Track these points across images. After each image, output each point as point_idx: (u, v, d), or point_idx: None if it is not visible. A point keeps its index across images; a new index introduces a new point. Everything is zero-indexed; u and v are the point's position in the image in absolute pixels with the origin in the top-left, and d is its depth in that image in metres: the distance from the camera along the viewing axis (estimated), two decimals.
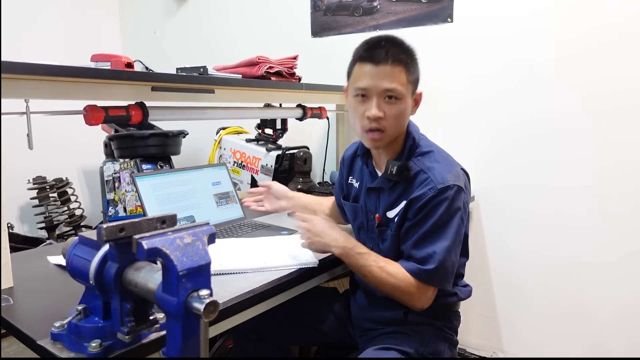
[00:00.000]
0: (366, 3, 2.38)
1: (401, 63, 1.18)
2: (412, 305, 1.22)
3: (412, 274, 1.18)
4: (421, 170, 1.22)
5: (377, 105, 1.18)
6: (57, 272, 1.26)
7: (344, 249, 1.23)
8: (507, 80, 2.06)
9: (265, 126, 2.51)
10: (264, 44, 2.78)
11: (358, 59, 1.22)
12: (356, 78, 1.22)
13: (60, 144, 3.09)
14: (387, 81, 1.17)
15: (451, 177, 1.19)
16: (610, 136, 1.86)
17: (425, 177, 1.20)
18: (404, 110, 1.21)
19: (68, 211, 2.97)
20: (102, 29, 3.47)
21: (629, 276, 1.88)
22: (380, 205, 1.31)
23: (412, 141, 1.27)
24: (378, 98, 1.18)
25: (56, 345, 0.84)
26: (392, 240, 1.27)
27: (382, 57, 1.17)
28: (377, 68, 1.17)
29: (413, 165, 1.23)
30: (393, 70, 1.17)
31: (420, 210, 1.19)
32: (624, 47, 1.80)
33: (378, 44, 1.19)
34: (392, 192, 1.27)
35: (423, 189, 1.19)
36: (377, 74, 1.17)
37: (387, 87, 1.17)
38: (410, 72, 1.20)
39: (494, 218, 2.18)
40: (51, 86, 1.22)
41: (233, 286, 1.13)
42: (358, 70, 1.22)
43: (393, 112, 1.19)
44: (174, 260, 0.66)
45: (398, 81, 1.17)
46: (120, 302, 0.77)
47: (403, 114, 1.21)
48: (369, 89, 1.19)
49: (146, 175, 1.57)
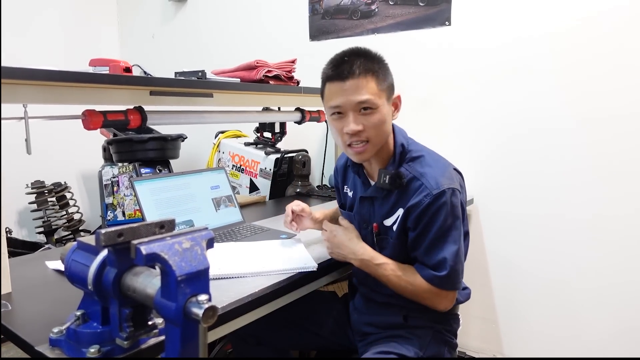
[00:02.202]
0: (364, 6, 2.38)
1: (368, 72, 1.18)
2: (435, 308, 1.25)
3: (428, 280, 1.20)
4: (414, 177, 1.22)
5: (354, 120, 1.18)
6: (56, 277, 1.25)
7: (362, 262, 1.27)
8: (505, 82, 2.06)
9: (264, 130, 2.51)
10: (262, 48, 2.79)
11: (326, 79, 1.23)
12: (328, 97, 1.23)
13: (59, 148, 3.09)
14: (358, 94, 1.17)
15: (445, 180, 1.20)
16: (609, 138, 1.86)
17: (419, 183, 1.21)
18: (382, 118, 1.20)
19: (67, 215, 2.96)
20: (101, 33, 3.47)
21: (628, 277, 1.88)
22: (375, 214, 1.31)
23: (401, 147, 1.27)
24: (353, 112, 1.19)
25: (55, 351, 0.84)
26: (394, 249, 1.28)
27: (348, 71, 1.17)
28: (346, 83, 1.17)
29: (405, 172, 1.24)
30: (361, 82, 1.17)
31: (420, 217, 1.20)
32: (623, 49, 1.80)
33: (342, 60, 1.20)
34: (387, 200, 1.27)
35: (419, 197, 1.19)
36: (347, 89, 1.17)
37: (359, 100, 1.17)
38: (380, 79, 1.20)
39: (492, 221, 2.18)
40: (50, 91, 1.22)
41: (232, 291, 1.13)
42: (328, 89, 1.22)
43: (372, 123, 1.19)
44: (172, 266, 0.66)
45: (369, 92, 1.17)
46: (119, 308, 0.77)
47: (383, 122, 1.20)
48: (342, 105, 1.19)
49: (145, 179, 1.57)
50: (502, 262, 2.17)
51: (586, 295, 1.97)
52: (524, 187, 2.07)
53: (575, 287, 1.99)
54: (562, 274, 2.01)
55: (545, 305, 2.07)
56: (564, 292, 2.02)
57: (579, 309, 2.00)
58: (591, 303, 1.97)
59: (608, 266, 1.91)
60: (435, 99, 2.23)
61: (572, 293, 2.00)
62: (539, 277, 2.07)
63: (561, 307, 2.03)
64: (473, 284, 1.47)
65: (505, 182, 2.12)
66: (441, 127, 2.23)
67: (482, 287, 2.21)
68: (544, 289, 2.06)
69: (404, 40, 2.28)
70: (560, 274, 2.02)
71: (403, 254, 1.27)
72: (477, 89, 2.13)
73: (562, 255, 2.01)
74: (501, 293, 2.20)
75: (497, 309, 2.21)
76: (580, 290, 1.98)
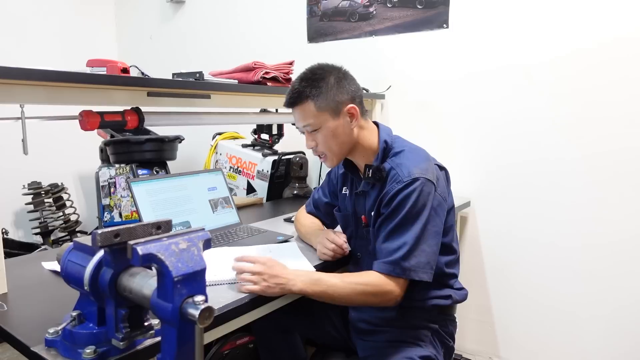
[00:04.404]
0: (362, 9, 2.39)
1: (301, 98, 1.28)
2: (386, 301, 1.21)
3: (380, 271, 1.19)
4: (392, 168, 1.28)
5: (307, 139, 1.34)
6: (52, 278, 1.25)
7: (303, 283, 1.16)
8: (502, 85, 2.07)
9: (261, 131, 2.51)
10: (260, 50, 2.79)
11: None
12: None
13: (56, 149, 3.08)
14: (300, 120, 1.31)
15: (417, 170, 1.23)
16: (606, 142, 1.87)
17: (394, 173, 1.26)
18: (329, 133, 1.29)
19: (63, 216, 2.95)
20: (98, 34, 3.47)
21: (625, 279, 1.88)
22: (366, 208, 1.36)
23: (384, 144, 1.33)
24: (306, 133, 1.33)
25: (50, 352, 0.83)
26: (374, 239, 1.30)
27: (289, 102, 1.31)
28: (293, 111, 1.32)
29: (387, 166, 1.29)
30: (299, 108, 1.29)
31: (389, 203, 1.23)
32: (621, 52, 1.81)
33: (291, 89, 1.31)
34: (373, 193, 1.33)
35: (391, 184, 1.25)
36: (295, 115, 1.33)
37: (302, 125, 1.31)
38: (318, 99, 1.27)
39: (489, 223, 2.18)
40: (47, 91, 1.21)
41: (228, 292, 1.13)
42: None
43: (321, 139, 1.30)
44: (169, 266, 0.66)
45: (307, 115, 1.28)
46: (115, 308, 0.77)
47: (332, 135, 1.29)
48: (298, 128, 1.36)
49: (142, 180, 1.57)
50: (499, 265, 2.18)
51: (582, 298, 1.98)
52: (521, 189, 2.07)
53: (572, 290, 2.00)
54: (558, 276, 2.02)
55: (541, 308, 2.08)
56: (560, 294, 2.02)
57: (575, 312, 2.00)
58: (587, 306, 1.97)
59: (604, 268, 1.92)
60: (432, 101, 2.24)
61: (568, 295, 2.01)
62: (535, 279, 2.08)
63: (557, 310, 2.04)
64: (469, 286, 1.47)
65: (502, 184, 2.12)
66: (438, 128, 2.23)
67: (478, 290, 2.21)
68: (540, 292, 2.07)
69: (402, 43, 2.29)
70: (556, 277, 2.02)
71: None
72: (474, 91, 2.14)
73: (558, 258, 2.01)
74: (497, 296, 2.20)
75: (494, 311, 2.21)
76: (576, 293, 1.99)
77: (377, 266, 1.21)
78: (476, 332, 2.26)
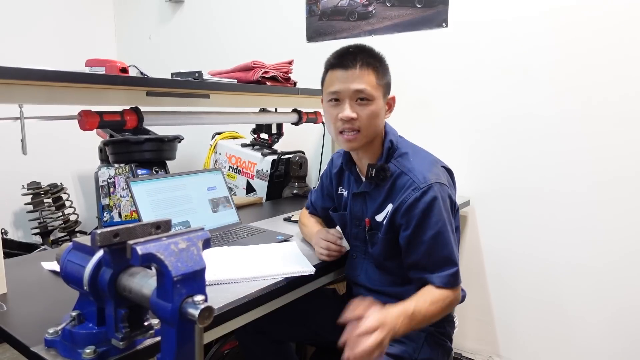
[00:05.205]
0: (361, 8, 2.39)
1: (369, 66, 1.23)
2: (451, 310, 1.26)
3: (445, 285, 1.20)
4: (402, 172, 1.25)
5: (350, 107, 1.23)
6: (51, 278, 1.25)
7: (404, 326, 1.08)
8: (501, 84, 2.07)
9: (260, 131, 2.51)
10: (259, 49, 2.79)
11: (329, 67, 1.28)
12: (328, 84, 1.28)
13: (55, 149, 3.08)
14: (356, 83, 1.22)
15: (432, 175, 1.23)
16: (605, 140, 1.87)
17: (407, 179, 1.24)
18: (376, 111, 1.24)
19: (63, 217, 2.95)
20: (97, 34, 3.47)
21: (624, 279, 1.88)
22: (367, 210, 1.33)
23: (390, 143, 1.30)
24: (350, 100, 1.23)
25: (50, 352, 0.83)
26: (382, 244, 1.29)
27: (350, 61, 1.23)
28: (347, 72, 1.23)
29: (393, 167, 1.27)
30: (362, 73, 1.22)
31: (409, 212, 1.21)
32: (619, 51, 1.81)
33: (347, 51, 1.26)
34: (378, 196, 1.30)
35: (407, 191, 1.22)
36: (347, 77, 1.23)
37: (357, 89, 1.22)
38: (380, 75, 1.25)
39: (489, 222, 2.18)
40: (46, 91, 1.21)
41: (228, 291, 1.13)
42: (329, 77, 1.28)
43: (366, 113, 1.23)
44: (168, 266, 0.66)
45: (367, 83, 1.22)
46: (115, 308, 0.77)
47: (376, 115, 1.24)
48: (341, 92, 1.24)
49: (141, 180, 1.57)
50: (498, 264, 2.17)
51: (582, 297, 1.98)
52: (520, 188, 2.07)
53: (571, 289, 2.00)
54: (558, 275, 2.02)
55: (541, 307, 2.07)
56: (560, 293, 2.02)
57: (575, 311, 2.00)
58: (587, 305, 1.97)
59: (603, 267, 1.92)
60: (432, 100, 2.23)
61: (568, 294, 2.01)
62: (535, 278, 2.07)
63: (557, 309, 2.04)
64: (469, 286, 1.47)
65: (501, 183, 2.12)
66: (438, 128, 2.23)
67: (478, 289, 2.21)
68: (540, 291, 2.07)
69: (401, 42, 2.29)
70: (556, 275, 2.02)
71: (391, 249, 1.28)
72: (474, 90, 2.13)
73: (558, 256, 2.01)
74: (497, 295, 2.20)
75: (494, 310, 2.21)
76: (576, 292, 1.99)
77: (438, 280, 1.20)
78: (476, 331, 2.26)
